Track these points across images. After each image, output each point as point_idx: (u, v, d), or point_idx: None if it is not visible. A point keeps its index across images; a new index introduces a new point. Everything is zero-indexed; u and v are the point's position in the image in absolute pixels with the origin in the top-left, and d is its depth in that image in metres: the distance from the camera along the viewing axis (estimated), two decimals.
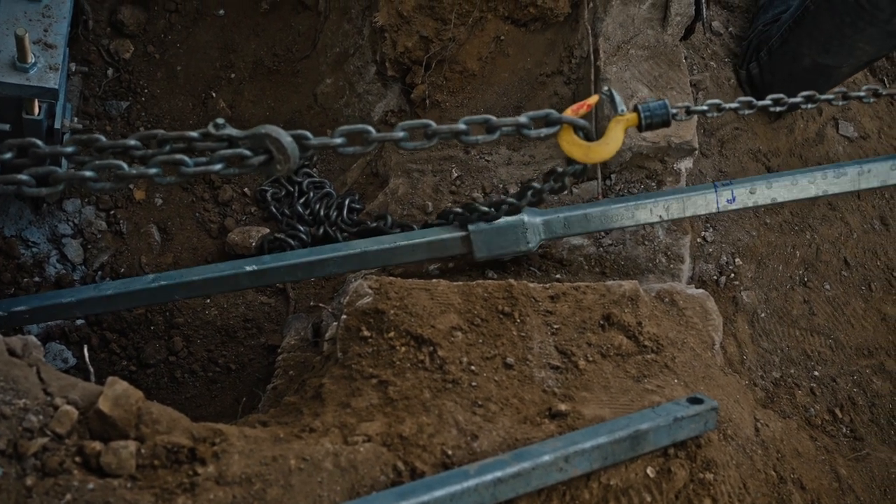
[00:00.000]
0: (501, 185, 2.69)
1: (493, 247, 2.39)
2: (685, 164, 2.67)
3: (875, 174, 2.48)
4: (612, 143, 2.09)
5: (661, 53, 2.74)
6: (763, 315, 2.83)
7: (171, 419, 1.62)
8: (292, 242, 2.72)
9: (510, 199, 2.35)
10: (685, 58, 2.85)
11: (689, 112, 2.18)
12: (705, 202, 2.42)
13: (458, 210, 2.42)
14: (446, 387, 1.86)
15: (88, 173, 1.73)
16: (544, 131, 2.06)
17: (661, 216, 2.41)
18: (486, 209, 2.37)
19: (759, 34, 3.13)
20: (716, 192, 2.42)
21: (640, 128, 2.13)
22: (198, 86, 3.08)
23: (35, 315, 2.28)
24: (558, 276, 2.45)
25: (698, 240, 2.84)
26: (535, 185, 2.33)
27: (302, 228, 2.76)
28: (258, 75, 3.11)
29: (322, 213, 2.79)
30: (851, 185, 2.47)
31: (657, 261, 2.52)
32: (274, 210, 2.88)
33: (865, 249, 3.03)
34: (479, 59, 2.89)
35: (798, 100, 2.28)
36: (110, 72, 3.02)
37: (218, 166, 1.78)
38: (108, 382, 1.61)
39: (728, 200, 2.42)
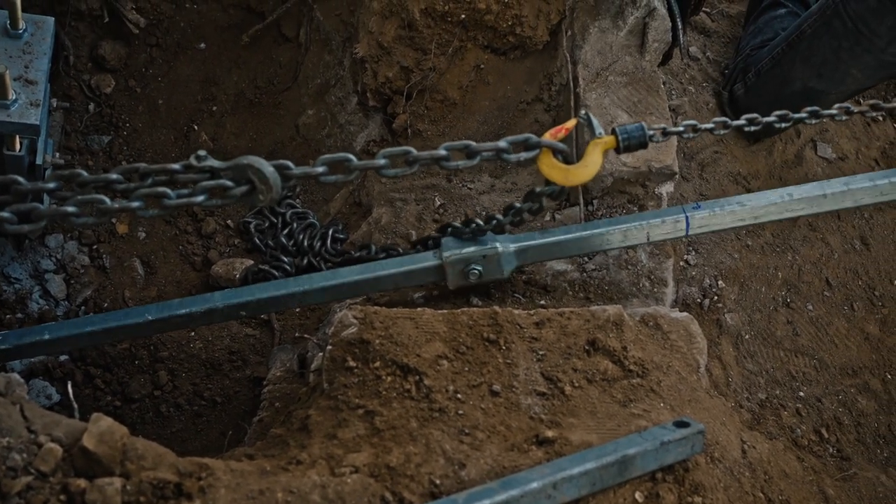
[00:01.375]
0: (484, 213, 2.70)
1: (463, 245, 2.36)
2: (666, 189, 2.69)
3: (839, 181, 2.52)
4: (590, 165, 2.11)
5: (639, 79, 2.77)
6: (747, 337, 2.84)
7: (156, 454, 1.61)
8: (276, 273, 2.72)
9: (498, 216, 2.34)
10: (663, 83, 2.88)
11: (665, 133, 2.20)
12: (673, 213, 2.45)
13: (457, 224, 2.40)
14: (433, 415, 1.86)
15: (70, 208, 1.73)
16: (524, 155, 2.07)
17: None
18: (480, 222, 2.35)
19: (747, 57, 3.14)
20: (682, 206, 2.48)
21: (617, 150, 2.15)
22: (180, 119, 3.09)
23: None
24: (543, 302, 2.45)
25: (681, 263, 2.85)
26: (516, 204, 2.33)
27: (286, 259, 2.76)
28: (240, 108, 3.12)
29: (306, 243, 2.78)
30: (815, 189, 2.50)
31: (641, 285, 2.53)
32: (258, 241, 2.87)
33: (847, 269, 3.05)
34: (459, 88, 2.91)
35: (772, 119, 2.30)
36: (92, 107, 3.02)
37: (200, 198, 1.78)
38: (93, 419, 1.60)
39: (694, 207, 2.44)
